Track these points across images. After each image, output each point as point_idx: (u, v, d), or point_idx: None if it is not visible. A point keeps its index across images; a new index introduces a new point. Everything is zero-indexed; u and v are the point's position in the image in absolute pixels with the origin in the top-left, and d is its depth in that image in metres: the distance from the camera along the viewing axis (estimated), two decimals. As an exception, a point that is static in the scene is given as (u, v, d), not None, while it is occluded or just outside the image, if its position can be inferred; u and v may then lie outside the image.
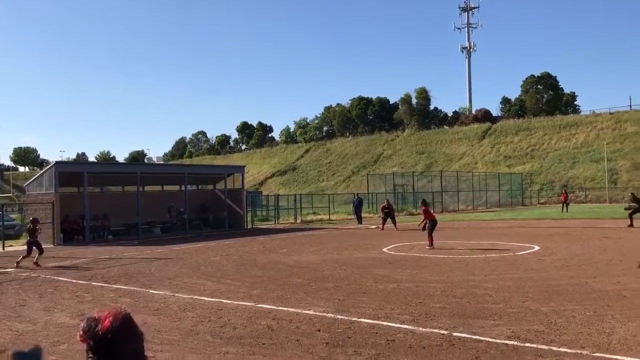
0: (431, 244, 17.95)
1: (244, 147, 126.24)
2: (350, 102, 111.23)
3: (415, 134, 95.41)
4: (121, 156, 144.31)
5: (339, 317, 8.42)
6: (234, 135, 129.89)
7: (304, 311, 8.86)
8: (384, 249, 18.31)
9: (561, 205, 41.45)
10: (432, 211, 18.68)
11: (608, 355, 6.10)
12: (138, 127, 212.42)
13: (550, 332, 7.16)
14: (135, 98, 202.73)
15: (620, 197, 59.85)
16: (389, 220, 27.49)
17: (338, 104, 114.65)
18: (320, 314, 8.70)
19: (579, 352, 6.27)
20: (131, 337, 1.48)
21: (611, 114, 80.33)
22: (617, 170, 65.49)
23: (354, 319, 8.27)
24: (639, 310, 8.28)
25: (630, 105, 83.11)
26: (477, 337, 7.03)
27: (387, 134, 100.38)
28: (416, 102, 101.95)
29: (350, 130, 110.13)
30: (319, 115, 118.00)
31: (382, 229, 27.02)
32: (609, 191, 61.36)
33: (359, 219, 33.63)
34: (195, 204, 32.24)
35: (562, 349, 6.38)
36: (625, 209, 25.34)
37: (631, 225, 24.03)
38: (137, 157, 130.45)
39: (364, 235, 25.44)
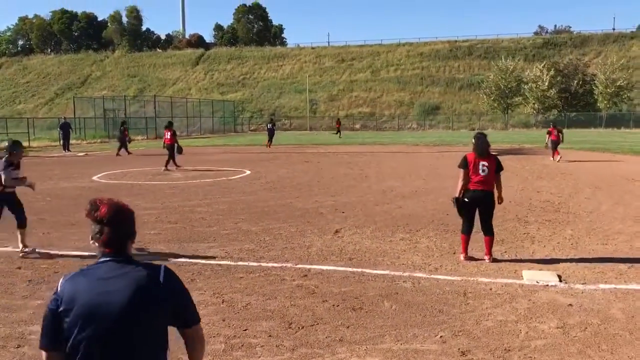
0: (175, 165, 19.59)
1: None
2: (51, 14, 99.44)
3: (127, 56, 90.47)
4: None
5: (44, 252, 7.72)
6: None
7: (0, 249, 7.89)
8: (95, 178, 17.30)
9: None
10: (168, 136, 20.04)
11: (308, 266, 6.86)
12: None
13: (259, 250, 7.72)
14: None
15: (319, 125, 66.78)
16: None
17: (36, 16, 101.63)
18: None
19: (284, 265, 6.91)
20: (122, 221, 2.09)
21: (313, 48, 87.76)
22: (316, 101, 72.52)
23: (61, 252, 7.68)
24: (333, 224, 9.44)
25: (329, 42, 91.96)
26: (192, 260, 7.20)
27: (95, 53, 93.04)
28: (127, 22, 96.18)
29: (52, 47, 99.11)
30: (12, 27, 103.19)
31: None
32: (310, 120, 67.81)
33: (66, 146, 30.93)
34: None
35: (270, 264, 6.96)
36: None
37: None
38: None
39: (71, 163, 23.57)
